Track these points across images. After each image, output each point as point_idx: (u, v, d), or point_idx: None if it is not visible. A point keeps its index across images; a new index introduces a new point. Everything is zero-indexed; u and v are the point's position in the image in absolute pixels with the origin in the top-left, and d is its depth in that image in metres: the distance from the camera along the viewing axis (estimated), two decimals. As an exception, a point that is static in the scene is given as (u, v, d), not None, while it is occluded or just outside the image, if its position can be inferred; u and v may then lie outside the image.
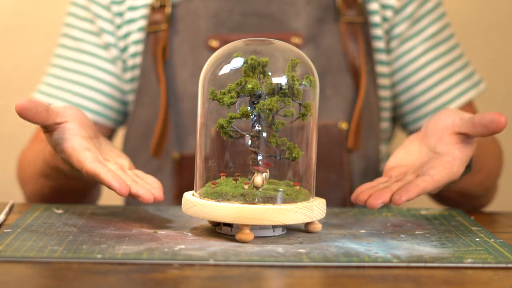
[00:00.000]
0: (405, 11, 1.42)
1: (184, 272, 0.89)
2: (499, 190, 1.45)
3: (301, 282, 0.88)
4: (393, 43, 1.43)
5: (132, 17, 1.41)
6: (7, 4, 1.90)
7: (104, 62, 1.42)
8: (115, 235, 1.02)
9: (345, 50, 1.39)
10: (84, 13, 1.43)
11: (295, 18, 1.38)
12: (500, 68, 1.96)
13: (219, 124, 1.02)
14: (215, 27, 1.38)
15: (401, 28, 1.42)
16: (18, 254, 0.92)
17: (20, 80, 1.89)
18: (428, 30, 1.43)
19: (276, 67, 1.02)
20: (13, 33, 1.91)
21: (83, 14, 1.43)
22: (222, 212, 0.99)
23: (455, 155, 1.08)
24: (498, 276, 0.90)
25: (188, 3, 1.40)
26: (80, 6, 1.44)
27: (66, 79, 1.42)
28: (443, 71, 1.43)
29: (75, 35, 1.43)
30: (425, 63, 1.42)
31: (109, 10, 1.42)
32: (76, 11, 1.44)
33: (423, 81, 1.43)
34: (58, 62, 1.44)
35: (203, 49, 1.37)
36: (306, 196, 1.04)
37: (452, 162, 1.08)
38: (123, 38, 1.42)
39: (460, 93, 1.43)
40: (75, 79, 1.42)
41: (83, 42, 1.43)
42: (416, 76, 1.43)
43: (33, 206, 1.18)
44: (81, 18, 1.43)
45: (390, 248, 0.98)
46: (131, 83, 1.42)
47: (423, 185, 1.05)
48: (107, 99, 1.42)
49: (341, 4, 1.39)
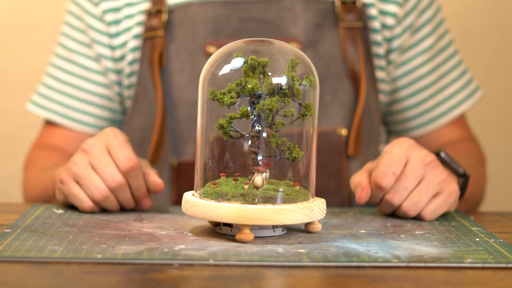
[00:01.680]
0: (406, 21, 1.41)
1: (184, 272, 0.89)
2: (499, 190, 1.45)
3: (301, 282, 0.88)
4: (393, 55, 1.42)
5: (129, 25, 1.41)
6: (7, 4, 1.90)
7: (94, 74, 1.42)
8: (115, 235, 1.02)
9: (344, 55, 1.38)
10: (77, 23, 1.43)
11: (293, 23, 1.37)
12: (500, 68, 1.96)
13: (219, 124, 1.02)
14: (213, 33, 1.37)
15: (401, 39, 1.41)
16: (18, 254, 0.92)
17: (20, 80, 1.89)
18: (426, 41, 1.42)
19: (276, 67, 1.02)
20: (13, 33, 1.90)
21: (76, 24, 1.44)
22: (222, 212, 0.99)
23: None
24: (498, 276, 0.90)
25: (185, 9, 1.39)
26: (74, 16, 1.44)
27: (59, 91, 1.44)
28: (438, 83, 1.44)
29: (68, 45, 1.44)
30: (420, 76, 1.43)
31: (101, 20, 1.41)
32: (70, 21, 1.44)
33: (416, 95, 1.43)
34: (52, 72, 1.45)
35: (201, 55, 1.36)
36: (306, 196, 1.04)
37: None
38: (120, 47, 1.41)
39: (454, 105, 1.44)
40: (67, 91, 1.43)
41: (75, 53, 1.43)
42: (410, 89, 1.44)
43: (33, 206, 1.18)
44: (75, 28, 1.44)
45: (390, 248, 0.98)
46: (128, 89, 1.42)
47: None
48: (99, 110, 1.43)
49: (340, 9, 1.38)
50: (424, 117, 1.44)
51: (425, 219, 1.13)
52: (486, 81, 1.89)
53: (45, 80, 1.45)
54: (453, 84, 1.44)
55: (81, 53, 1.43)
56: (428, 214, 1.12)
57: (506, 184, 1.96)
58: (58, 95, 1.43)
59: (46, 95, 1.44)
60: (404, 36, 1.41)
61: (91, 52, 1.42)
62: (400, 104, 1.45)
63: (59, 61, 1.44)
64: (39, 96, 1.45)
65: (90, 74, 1.42)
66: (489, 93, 1.90)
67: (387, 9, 1.41)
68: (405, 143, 1.14)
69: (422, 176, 1.12)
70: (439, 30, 1.44)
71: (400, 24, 1.41)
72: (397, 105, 1.45)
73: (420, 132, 1.45)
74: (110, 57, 1.41)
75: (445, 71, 1.44)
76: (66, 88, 1.43)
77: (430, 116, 1.44)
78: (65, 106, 1.43)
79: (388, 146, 1.15)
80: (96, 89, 1.43)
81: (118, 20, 1.41)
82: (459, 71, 1.45)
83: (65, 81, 1.43)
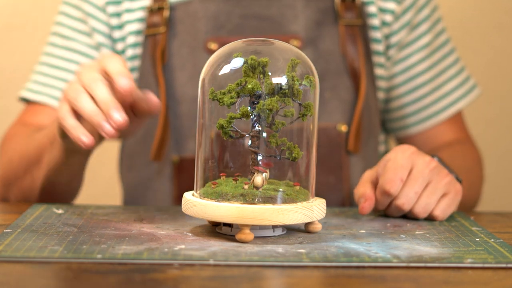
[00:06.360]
0: (404, 18, 1.42)
1: (184, 272, 0.89)
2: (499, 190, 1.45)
3: (301, 282, 0.88)
4: (391, 51, 1.43)
5: (129, 19, 1.41)
6: (7, 4, 1.90)
7: None
8: (115, 235, 1.02)
9: (344, 52, 1.39)
10: (75, 13, 1.42)
11: (294, 21, 1.38)
12: (500, 68, 1.96)
13: (219, 124, 1.02)
14: (214, 30, 1.37)
15: (399, 36, 1.42)
16: (18, 254, 0.92)
17: (20, 80, 1.89)
18: (423, 39, 1.43)
19: (276, 67, 1.02)
20: (13, 33, 1.90)
21: (74, 14, 1.43)
22: (222, 212, 0.99)
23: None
24: (498, 276, 0.90)
25: (187, 6, 1.39)
26: (72, 5, 1.43)
27: (54, 76, 1.40)
28: (436, 80, 1.44)
29: (65, 34, 1.42)
30: (418, 73, 1.43)
31: (104, 11, 1.41)
32: (67, 10, 1.43)
33: (414, 92, 1.44)
34: (47, 60, 1.42)
35: (202, 51, 1.37)
36: (306, 196, 1.04)
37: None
38: (121, 41, 1.41)
39: (451, 103, 1.44)
40: (64, 76, 1.40)
41: (74, 41, 1.42)
42: (408, 86, 1.44)
43: (33, 206, 1.18)
44: (72, 17, 1.43)
45: (390, 248, 0.99)
46: None
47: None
48: None
49: (340, 7, 1.39)
50: (421, 114, 1.45)
51: (437, 219, 1.14)
52: (485, 80, 1.89)
53: (39, 68, 1.42)
54: (450, 82, 1.45)
55: (80, 41, 1.41)
56: (439, 214, 1.14)
57: (506, 184, 1.95)
58: (53, 81, 1.40)
59: (40, 81, 1.41)
60: (402, 33, 1.42)
61: (91, 40, 1.41)
62: (398, 101, 1.45)
63: (55, 49, 1.42)
64: (33, 83, 1.42)
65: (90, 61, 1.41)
66: (488, 92, 1.90)
67: (386, 7, 1.42)
68: (408, 150, 1.15)
69: (428, 180, 1.13)
70: (436, 28, 1.45)
71: (398, 20, 1.42)
72: (395, 102, 1.45)
73: (417, 129, 1.45)
74: (111, 48, 1.41)
75: (442, 69, 1.45)
76: (63, 73, 1.40)
77: (427, 113, 1.45)
78: (61, 91, 1.39)
79: (391, 153, 1.15)
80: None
81: (118, 13, 1.41)
82: (456, 69, 1.45)
83: (62, 68, 1.41)
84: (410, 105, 1.45)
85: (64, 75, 1.41)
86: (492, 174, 1.88)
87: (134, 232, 1.04)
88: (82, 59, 1.41)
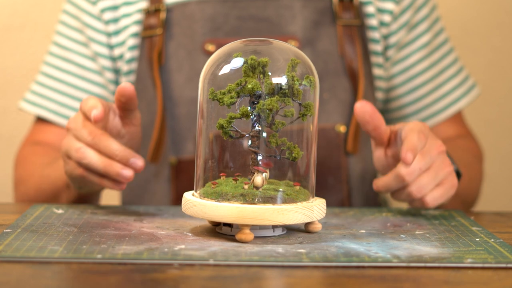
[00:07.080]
0: (402, 18, 1.42)
1: (184, 272, 0.89)
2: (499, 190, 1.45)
3: (301, 282, 0.88)
4: (390, 52, 1.43)
5: (127, 24, 1.41)
6: (6, 4, 1.90)
7: (90, 73, 1.42)
8: (115, 235, 1.02)
9: (342, 53, 1.39)
10: (73, 22, 1.43)
11: (292, 21, 1.38)
12: (500, 68, 1.96)
13: (219, 124, 1.02)
14: (211, 31, 1.37)
15: (398, 36, 1.42)
16: (18, 254, 0.92)
17: (20, 80, 1.89)
18: (422, 38, 1.43)
19: (276, 67, 1.02)
20: (13, 33, 1.90)
21: (72, 23, 1.43)
22: (222, 212, 0.99)
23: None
24: (498, 276, 0.90)
25: (184, 7, 1.39)
26: (70, 15, 1.44)
27: (53, 89, 1.43)
28: (435, 80, 1.44)
29: (63, 44, 1.43)
30: (417, 73, 1.43)
31: (99, 19, 1.41)
32: (66, 20, 1.44)
33: (413, 92, 1.44)
34: (46, 70, 1.44)
35: (200, 53, 1.37)
36: (306, 196, 1.04)
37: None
38: (119, 46, 1.41)
39: (451, 103, 1.44)
40: (61, 89, 1.43)
41: (71, 51, 1.43)
42: (407, 86, 1.44)
43: (33, 206, 1.18)
44: (70, 27, 1.43)
45: (390, 248, 0.98)
46: None
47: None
48: None
49: (337, 7, 1.39)
50: (421, 114, 1.45)
51: (426, 206, 1.14)
52: (486, 80, 1.89)
53: (38, 78, 1.45)
54: (450, 81, 1.45)
55: (77, 51, 1.42)
56: (430, 201, 1.14)
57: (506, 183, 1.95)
58: (51, 93, 1.43)
59: (39, 92, 1.43)
60: (401, 33, 1.42)
61: (87, 51, 1.42)
62: (397, 101, 1.45)
63: (54, 59, 1.44)
64: (32, 94, 1.44)
65: (85, 73, 1.42)
66: (489, 92, 1.90)
67: (384, 7, 1.42)
68: (425, 130, 1.16)
69: (432, 162, 1.13)
70: (435, 28, 1.45)
71: (396, 20, 1.42)
72: (394, 103, 1.45)
73: None
74: (109, 55, 1.41)
75: (441, 68, 1.45)
76: (60, 86, 1.42)
77: (427, 113, 1.45)
78: (58, 104, 1.42)
79: (408, 131, 1.15)
80: (91, 88, 1.42)
81: (116, 18, 1.41)
82: (455, 68, 1.45)
83: (59, 79, 1.43)
84: (410, 106, 1.45)
85: (63, 88, 1.43)
86: (492, 174, 1.88)
87: (134, 232, 1.04)
88: (78, 70, 1.42)
